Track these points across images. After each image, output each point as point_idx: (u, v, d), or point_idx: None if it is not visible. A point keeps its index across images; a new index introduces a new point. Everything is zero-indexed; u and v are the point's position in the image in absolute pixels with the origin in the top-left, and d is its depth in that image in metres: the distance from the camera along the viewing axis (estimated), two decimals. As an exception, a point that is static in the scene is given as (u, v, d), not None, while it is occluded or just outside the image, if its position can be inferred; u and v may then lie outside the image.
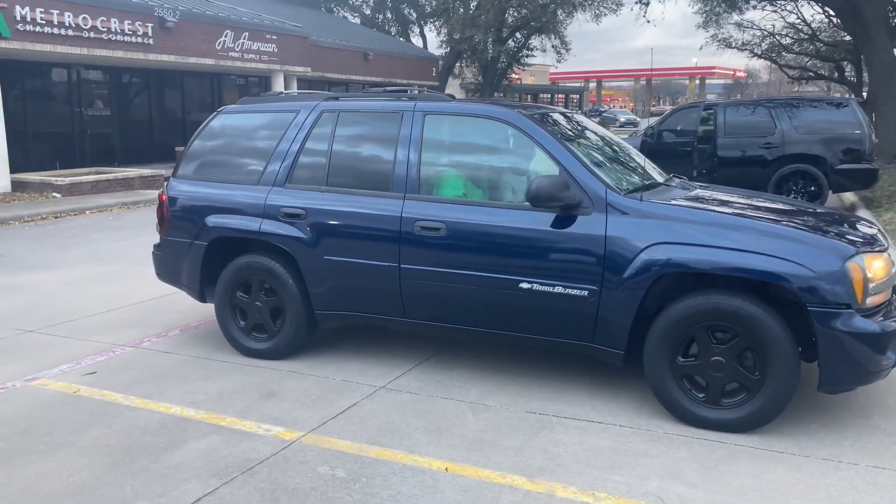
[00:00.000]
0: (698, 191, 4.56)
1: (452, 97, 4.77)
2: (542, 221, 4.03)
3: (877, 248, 3.75)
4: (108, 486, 3.24)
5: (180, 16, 16.87)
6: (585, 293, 3.93)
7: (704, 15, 24.49)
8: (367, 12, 38.61)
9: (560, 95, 70.86)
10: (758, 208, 4.20)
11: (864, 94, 22.24)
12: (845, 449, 3.56)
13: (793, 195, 11.05)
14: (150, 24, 16.20)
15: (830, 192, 11.18)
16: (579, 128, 4.84)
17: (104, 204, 13.24)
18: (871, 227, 4.22)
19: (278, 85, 20.74)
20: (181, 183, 5.14)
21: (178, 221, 5.06)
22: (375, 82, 26.74)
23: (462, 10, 30.84)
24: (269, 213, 4.70)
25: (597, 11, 32.20)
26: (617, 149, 4.87)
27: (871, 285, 3.55)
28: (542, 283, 4.01)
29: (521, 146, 4.31)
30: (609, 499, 3.12)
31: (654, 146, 12.10)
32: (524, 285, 4.05)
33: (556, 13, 31.02)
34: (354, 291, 4.56)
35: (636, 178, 4.45)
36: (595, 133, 4.93)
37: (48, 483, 3.27)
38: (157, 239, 5.34)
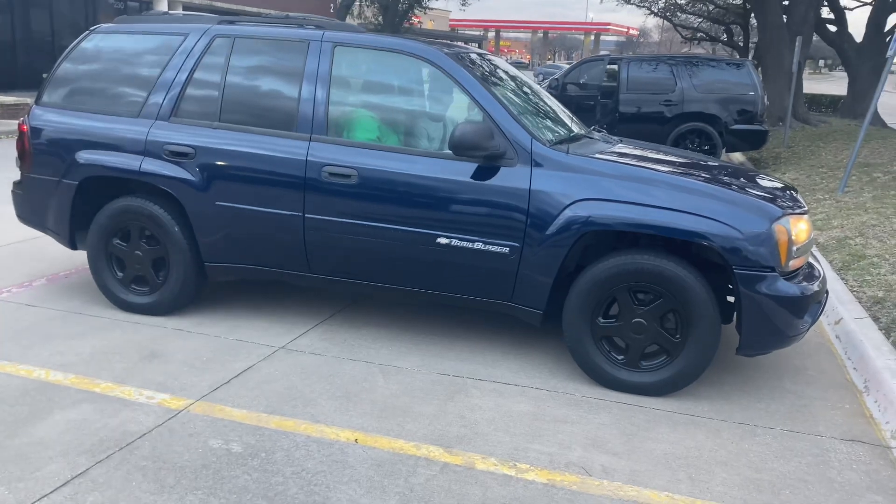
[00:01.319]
0: (621, 145, 4.38)
1: (364, 29, 4.32)
2: (463, 172, 3.72)
3: (798, 210, 3.70)
4: (-47, 469, 2.73)
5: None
6: (506, 250, 3.68)
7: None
8: (261, -60, 36.27)
9: (459, 43, 70.12)
10: (686, 165, 4.05)
11: (750, 57, 23.09)
12: (760, 412, 3.53)
13: (689, 153, 11.26)
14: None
15: (724, 150, 11.47)
16: (500, 71, 4.52)
17: (-42, 133, 11.81)
18: (788, 186, 4.18)
19: (161, 9, 19.16)
20: (47, 111, 4.44)
21: (43, 156, 4.39)
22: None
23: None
24: (152, 151, 4.14)
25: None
26: (537, 97, 4.60)
27: (794, 248, 3.49)
28: (460, 239, 3.73)
29: (443, 88, 3.95)
30: (532, 470, 2.93)
31: (558, 98, 11.96)
32: (442, 240, 3.75)
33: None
34: (251, 242, 4.11)
35: (560, 129, 4.20)
36: (515, 79, 4.63)
37: None
38: (18, 175, 4.64)
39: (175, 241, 4.19)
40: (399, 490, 2.75)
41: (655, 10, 27.34)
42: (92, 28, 4.58)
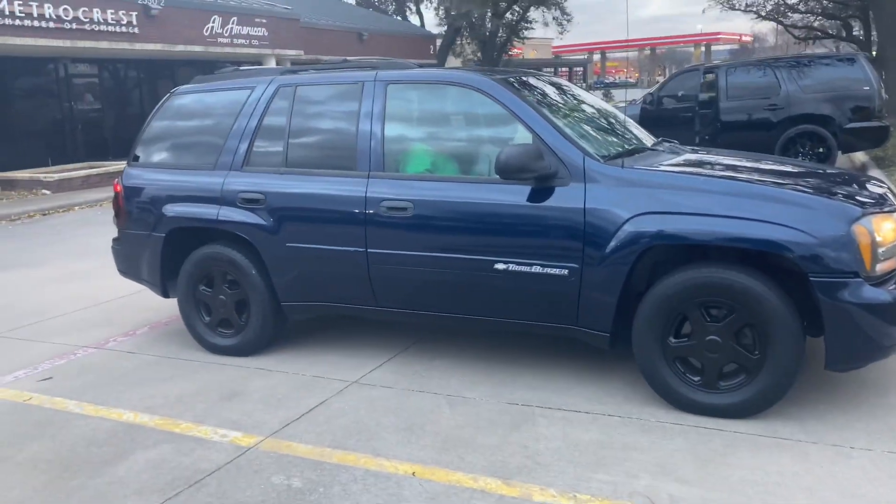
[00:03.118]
0: (689, 154, 4.18)
1: (418, 65, 4.40)
2: (516, 195, 3.67)
3: (886, 209, 3.37)
4: (38, 508, 2.94)
5: (165, 2, 16.48)
6: (566, 272, 3.57)
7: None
8: (363, -8, 37.95)
9: (563, 69, 69.87)
10: (754, 171, 3.82)
11: (874, 51, 21.54)
12: (858, 433, 3.21)
13: (800, 158, 10.59)
14: (134, 13, 15.84)
15: (840, 152, 10.71)
16: (557, 92, 4.45)
17: (94, 199, 12.96)
18: (880, 185, 3.83)
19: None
20: (136, 171, 4.81)
21: (135, 212, 4.74)
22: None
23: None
24: (227, 199, 4.37)
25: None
26: (599, 114, 4.49)
27: (880, 250, 3.18)
28: (518, 263, 3.66)
29: (491, 113, 3.93)
30: (592, 501, 2.79)
31: (653, 113, 11.64)
32: (499, 266, 3.70)
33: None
34: (321, 280, 4.23)
35: (619, 144, 4.07)
36: (575, 97, 4.55)
37: (-27, 507, 2.98)
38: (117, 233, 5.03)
39: (253, 283, 4.38)
40: (450, 523, 2.69)
41: (764, 14, 26.13)
42: (172, 90, 4.92)
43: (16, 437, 3.59)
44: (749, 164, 3.99)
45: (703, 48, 76.08)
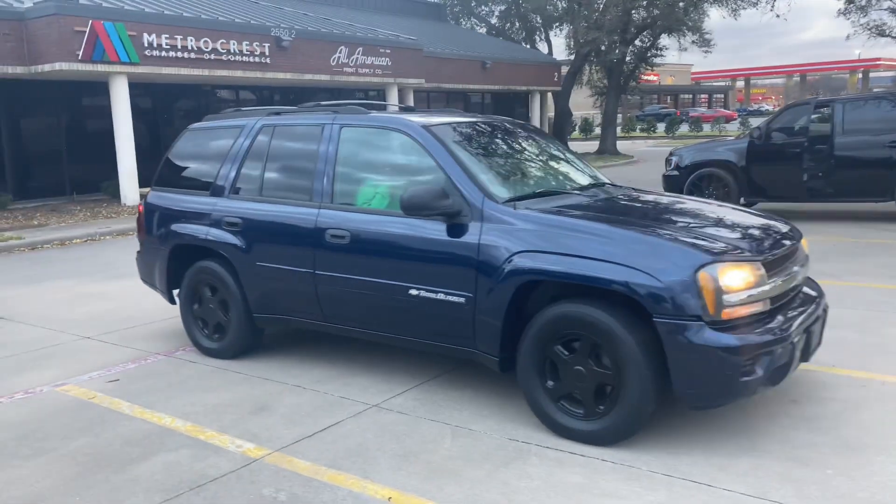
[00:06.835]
0: (603, 194, 4.57)
1: (370, 109, 4.92)
2: (431, 231, 4.10)
3: (742, 257, 3.46)
4: (60, 495, 3.34)
5: (296, 35, 17.68)
6: (462, 300, 3.99)
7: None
8: (494, 21, 38.66)
9: (703, 96, 67.66)
10: (645, 213, 4.21)
11: None
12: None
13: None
14: (266, 44, 17.10)
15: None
16: (504, 140, 4.93)
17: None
18: (782, 233, 3.97)
19: (392, 97, 21.20)
20: (155, 193, 5.70)
21: (151, 228, 5.60)
22: (493, 91, 26.69)
23: (586, 12, 30.10)
24: (216, 222, 5.10)
25: (734, 6, 30.37)
26: (547, 159, 4.94)
27: (724, 296, 3.30)
28: (427, 290, 4.12)
29: (419, 156, 4.37)
30: (547, 544, 2.83)
31: (761, 148, 11.11)
32: (413, 291, 4.18)
33: (686, 11, 29.56)
34: (282, 296, 4.85)
35: (540, 187, 4.40)
36: (519, 142, 5.00)
37: (10, 489, 3.42)
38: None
39: (233, 296, 5.08)
40: (402, 550, 2.82)
41: (916, 40, 24.17)
42: (188, 126, 5.82)
43: (69, 431, 4.07)
44: (646, 206, 4.40)
45: (859, 75, 71.10)
